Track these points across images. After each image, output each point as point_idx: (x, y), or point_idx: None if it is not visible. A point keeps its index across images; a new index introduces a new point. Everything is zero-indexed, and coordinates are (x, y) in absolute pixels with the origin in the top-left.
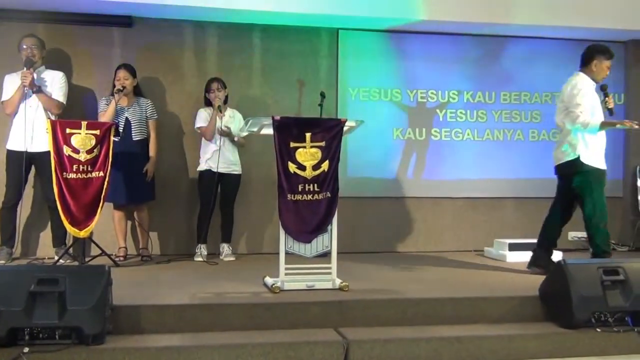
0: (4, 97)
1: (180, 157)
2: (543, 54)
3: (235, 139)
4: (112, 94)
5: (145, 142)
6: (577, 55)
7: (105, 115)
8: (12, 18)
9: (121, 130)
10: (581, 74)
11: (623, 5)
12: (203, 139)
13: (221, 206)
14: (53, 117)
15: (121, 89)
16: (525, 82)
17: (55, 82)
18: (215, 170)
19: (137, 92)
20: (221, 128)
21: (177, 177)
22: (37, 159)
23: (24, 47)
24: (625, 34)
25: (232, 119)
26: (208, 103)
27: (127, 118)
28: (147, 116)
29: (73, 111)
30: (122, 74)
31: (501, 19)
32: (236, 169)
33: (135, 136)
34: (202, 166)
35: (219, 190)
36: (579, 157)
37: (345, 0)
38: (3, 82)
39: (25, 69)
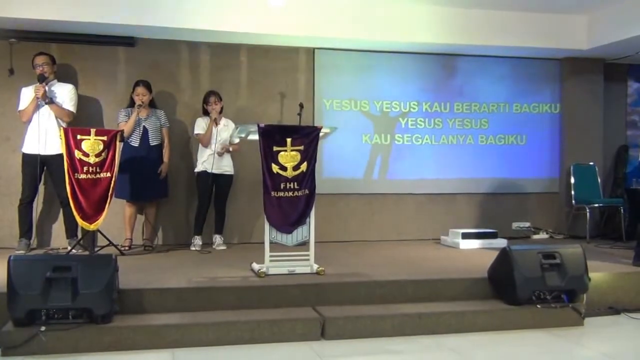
0: (20, 107)
1: (178, 160)
2: (489, 70)
3: (230, 148)
4: (130, 106)
5: (160, 147)
6: (518, 70)
7: (127, 126)
8: (28, 38)
9: (139, 138)
10: None
11: (557, 27)
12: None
13: (215, 202)
14: (64, 125)
15: (141, 104)
16: (474, 94)
17: (65, 94)
18: (210, 171)
19: (152, 104)
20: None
21: (175, 177)
22: (49, 161)
23: (37, 64)
24: (560, 52)
25: (226, 128)
26: (206, 112)
27: (144, 127)
28: (161, 124)
29: (80, 119)
30: (140, 90)
31: (455, 39)
32: (228, 170)
33: (152, 142)
34: (199, 168)
35: (214, 188)
36: None
37: (320, 23)
38: (20, 94)
39: (38, 83)
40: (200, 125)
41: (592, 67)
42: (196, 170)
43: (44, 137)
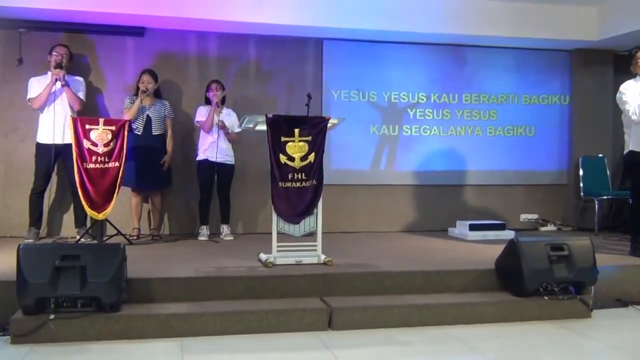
0: (31, 95)
1: (185, 149)
2: (498, 61)
3: (229, 130)
4: (136, 94)
5: (163, 137)
6: (527, 61)
7: (130, 112)
8: (37, 28)
9: (142, 126)
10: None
11: (567, 18)
12: (201, 132)
13: (218, 192)
14: (74, 114)
15: (145, 90)
16: (483, 85)
17: (76, 85)
18: (211, 159)
19: (157, 94)
20: (218, 122)
21: (182, 167)
22: (64, 150)
23: (55, 54)
24: (570, 43)
25: (228, 117)
26: (208, 101)
27: (148, 115)
28: (165, 115)
29: (88, 109)
30: (145, 77)
31: (464, 30)
32: (230, 160)
33: (155, 131)
34: (200, 156)
35: (216, 178)
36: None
37: (328, 14)
38: (28, 84)
39: (55, 69)
40: (202, 113)
41: (602, 58)
42: (197, 159)
43: (60, 126)
